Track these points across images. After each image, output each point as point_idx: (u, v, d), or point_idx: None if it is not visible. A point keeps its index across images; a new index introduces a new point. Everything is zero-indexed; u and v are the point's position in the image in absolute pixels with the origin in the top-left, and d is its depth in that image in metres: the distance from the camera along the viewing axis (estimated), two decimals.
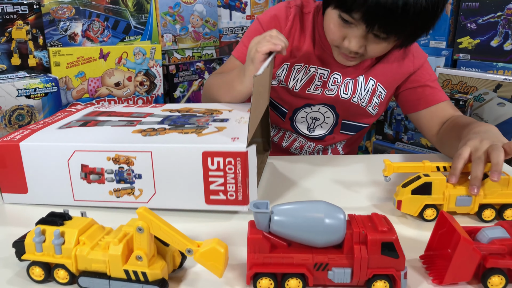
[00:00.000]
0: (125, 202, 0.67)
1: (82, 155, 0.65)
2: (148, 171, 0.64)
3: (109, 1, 1.52)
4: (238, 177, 0.62)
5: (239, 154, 0.61)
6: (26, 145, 0.66)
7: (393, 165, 0.66)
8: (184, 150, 0.62)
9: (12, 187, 0.69)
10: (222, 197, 0.64)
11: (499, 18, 1.53)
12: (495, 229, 0.50)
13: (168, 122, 0.73)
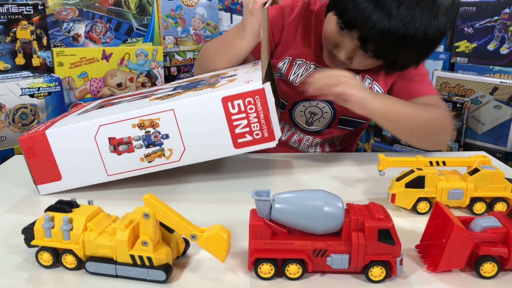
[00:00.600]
0: (157, 165, 0.69)
1: (108, 128, 0.67)
2: (174, 129, 0.66)
3: (112, 3, 1.55)
4: (260, 115, 0.65)
5: (257, 92, 0.63)
6: (52, 132, 0.68)
7: (388, 160, 0.68)
8: (204, 100, 0.65)
9: (45, 177, 0.70)
10: (249, 138, 0.66)
11: (496, 23, 1.55)
12: (488, 219, 0.52)
13: (179, 88, 0.76)
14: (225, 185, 0.75)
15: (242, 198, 0.71)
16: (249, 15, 0.79)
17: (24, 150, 0.70)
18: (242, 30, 0.83)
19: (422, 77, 0.98)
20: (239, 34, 0.84)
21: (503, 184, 0.64)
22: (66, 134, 0.68)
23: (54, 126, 0.70)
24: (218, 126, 0.66)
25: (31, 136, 0.69)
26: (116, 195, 0.71)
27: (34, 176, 0.71)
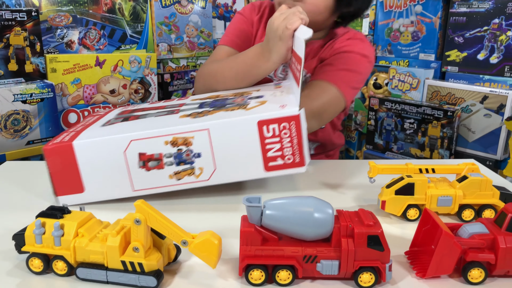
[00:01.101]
0: (186, 183, 0.68)
1: (139, 143, 0.66)
2: (207, 148, 0.66)
3: (106, 10, 1.55)
4: (294, 140, 0.65)
5: (293, 118, 0.64)
6: (80, 143, 0.67)
7: (378, 167, 0.68)
8: (240, 122, 0.65)
9: (67, 189, 0.69)
10: (280, 162, 0.67)
11: (485, 32, 1.58)
12: (475, 225, 0.53)
13: (207, 106, 0.75)
14: (216, 192, 0.76)
15: (233, 204, 0.71)
16: (278, 40, 0.79)
17: (48, 160, 0.68)
18: (267, 53, 0.82)
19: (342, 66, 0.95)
20: (264, 57, 0.83)
21: (491, 191, 0.65)
22: (94, 146, 0.67)
23: (80, 137, 0.68)
24: (251, 148, 0.66)
25: (57, 147, 0.67)
26: (107, 201, 0.71)
27: (56, 187, 0.69)
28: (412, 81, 1.73)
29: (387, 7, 1.87)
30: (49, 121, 1.35)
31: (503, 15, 1.52)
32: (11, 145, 1.29)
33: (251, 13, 1.04)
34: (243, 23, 1.04)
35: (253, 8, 1.05)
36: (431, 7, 1.73)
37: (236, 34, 1.03)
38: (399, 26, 1.85)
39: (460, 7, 1.63)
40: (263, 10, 1.05)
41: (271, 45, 0.81)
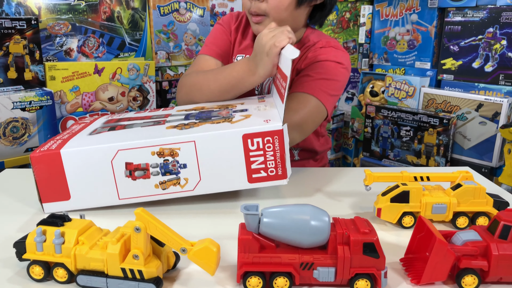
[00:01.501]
0: (171, 193, 0.70)
1: (126, 153, 0.68)
2: (193, 159, 0.68)
3: (105, 18, 1.57)
4: (277, 154, 0.68)
5: (276, 133, 0.67)
6: (67, 152, 0.68)
7: (373, 175, 0.69)
8: (225, 135, 0.68)
9: (53, 196, 0.70)
10: (263, 175, 0.69)
11: (480, 41, 1.60)
12: (469, 233, 0.54)
13: (192, 118, 0.77)
14: (214, 200, 0.77)
15: (232, 212, 0.72)
16: (265, 55, 0.80)
17: (35, 168, 0.69)
18: (253, 67, 0.84)
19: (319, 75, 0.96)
20: (250, 71, 0.85)
21: (484, 199, 0.66)
22: (82, 154, 0.68)
23: (68, 146, 0.69)
24: (236, 161, 0.68)
25: (44, 155, 0.68)
26: (107, 209, 0.72)
27: (41, 194, 0.70)
28: (408, 89, 1.75)
29: (383, 16, 1.90)
30: (47, 129, 1.36)
31: (497, 24, 1.54)
32: (9, 153, 1.29)
33: (229, 23, 1.08)
34: (222, 33, 1.07)
35: (231, 17, 1.09)
36: (426, 16, 1.75)
37: (216, 43, 1.06)
38: (395, 34, 1.87)
39: (455, 16, 1.66)
40: (240, 19, 1.08)
41: (258, 60, 0.83)
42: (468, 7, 1.61)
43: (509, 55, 1.52)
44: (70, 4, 1.47)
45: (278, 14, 0.92)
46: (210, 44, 1.06)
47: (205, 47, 1.06)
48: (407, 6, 1.80)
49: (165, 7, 1.69)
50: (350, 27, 2.02)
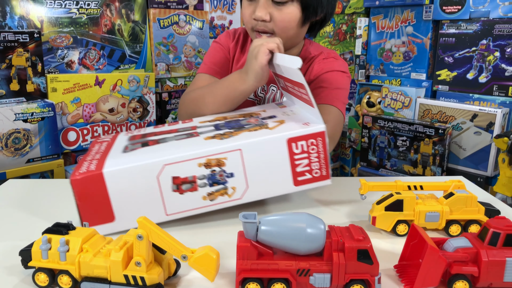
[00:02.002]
0: (219, 203, 0.70)
1: (172, 167, 0.67)
2: (239, 168, 0.68)
3: (106, 31, 1.59)
4: (321, 155, 0.70)
5: (319, 134, 0.69)
6: (110, 171, 0.66)
7: (368, 184, 0.71)
8: (270, 141, 0.69)
9: (97, 219, 0.67)
10: (308, 177, 0.70)
11: (474, 53, 1.63)
12: (460, 240, 0.56)
13: (223, 128, 0.77)
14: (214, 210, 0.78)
15: (230, 220, 0.74)
16: (253, 59, 0.83)
17: (76, 192, 0.66)
18: (244, 75, 0.86)
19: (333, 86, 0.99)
20: (241, 79, 0.87)
21: (476, 207, 0.68)
22: (126, 173, 0.66)
23: (108, 166, 0.67)
24: (281, 165, 0.69)
25: (86, 177, 0.66)
26: None
27: (83, 218, 0.67)
28: (404, 99, 1.78)
29: (379, 28, 1.93)
30: (49, 140, 1.38)
31: (490, 36, 1.57)
32: (11, 163, 1.31)
33: (226, 40, 1.09)
34: (219, 51, 1.08)
35: (228, 35, 1.10)
36: (421, 28, 1.79)
37: (214, 61, 1.07)
38: (391, 46, 1.90)
39: (449, 28, 1.69)
40: (237, 36, 1.10)
41: (248, 66, 0.85)
42: (461, 20, 1.64)
43: (502, 67, 1.56)
44: (71, 17, 1.50)
45: (284, 33, 0.95)
46: (209, 62, 1.07)
47: (203, 66, 1.08)
48: (402, 18, 1.84)
49: (165, 20, 1.72)
50: (347, 39, 2.05)
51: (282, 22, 0.93)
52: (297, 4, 0.91)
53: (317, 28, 1.03)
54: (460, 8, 1.63)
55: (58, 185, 0.94)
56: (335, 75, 1.01)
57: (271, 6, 0.91)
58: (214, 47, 1.11)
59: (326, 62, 1.03)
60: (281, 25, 0.93)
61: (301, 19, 0.94)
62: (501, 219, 0.56)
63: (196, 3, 1.80)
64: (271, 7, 0.91)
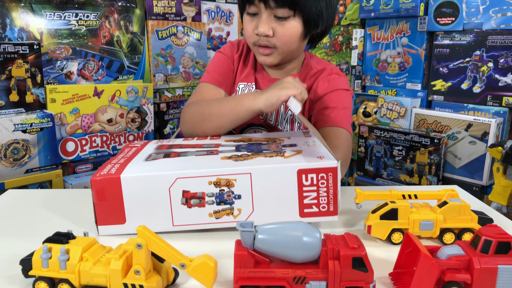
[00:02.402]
0: (224, 222, 0.71)
1: (184, 181, 0.69)
2: (247, 191, 0.70)
3: (105, 42, 1.61)
4: (330, 190, 0.70)
5: (331, 170, 0.69)
6: (127, 177, 0.69)
7: (364, 193, 0.73)
8: (281, 169, 0.70)
9: (109, 219, 0.71)
10: (315, 210, 0.71)
11: (468, 64, 1.65)
12: (453, 247, 0.57)
13: (243, 149, 0.79)
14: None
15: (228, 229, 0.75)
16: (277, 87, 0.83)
17: (95, 191, 0.70)
18: (258, 95, 0.86)
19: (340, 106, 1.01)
20: (251, 96, 0.88)
21: (469, 216, 0.69)
22: (141, 180, 0.70)
23: (127, 171, 0.71)
24: (289, 195, 0.70)
25: (105, 179, 0.70)
26: None
27: (98, 217, 0.71)
28: (400, 109, 1.80)
29: (374, 39, 1.96)
30: (47, 150, 1.39)
31: (483, 47, 1.60)
32: (10, 174, 1.32)
33: (231, 51, 1.10)
34: (224, 61, 1.09)
35: (232, 46, 1.11)
36: (416, 39, 1.81)
37: (217, 71, 1.08)
38: (387, 57, 1.93)
39: (443, 39, 1.72)
40: (242, 48, 1.10)
41: (267, 90, 0.85)
42: (455, 31, 1.67)
43: (496, 77, 1.58)
44: (71, 29, 1.52)
45: (287, 47, 0.96)
46: (212, 72, 1.08)
47: (207, 75, 1.08)
48: (397, 29, 1.86)
49: (163, 31, 1.75)
50: (343, 50, 2.08)
51: (284, 37, 0.94)
52: (299, 18, 0.93)
53: (317, 40, 1.05)
54: (454, 20, 1.66)
55: (57, 195, 0.95)
56: (341, 94, 1.03)
57: (274, 21, 0.93)
58: (218, 57, 1.11)
59: (331, 79, 1.04)
60: (284, 39, 0.94)
61: (303, 33, 0.95)
62: (493, 227, 0.57)
63: (194, 15, 1.83)
64: (274, 22, 0.93)
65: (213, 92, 1.05)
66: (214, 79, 1.07)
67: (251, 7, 0.93)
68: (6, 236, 0.73)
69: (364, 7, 1.92)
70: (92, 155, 1.58)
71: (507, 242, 0.55)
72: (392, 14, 1.82)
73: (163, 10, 1.74)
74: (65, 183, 1.46)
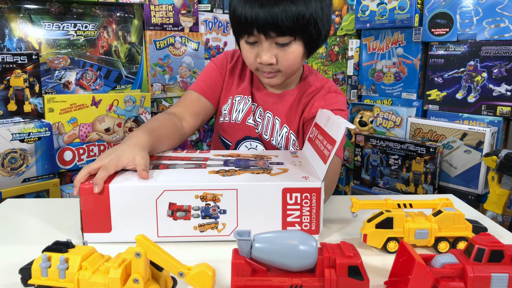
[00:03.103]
0: (208, 236, 0.73)
1: (171, 194, 0.71)
2: (233, 206, 0.71)
3: (103, 52, 1.63)
4: (313, 210, 0.72)
5: (315, 190, 0.71)
6: (115, 187, 0.70)
7: (359, 202, 0.74)
8: (266, 187, 0.72)
9: (95, 227, 0.72)
10: (297, 228, 0.73)
11: (462, 74, 1.67)
12: (447, 256, 0.58)
13: (231, 164, 0.81)
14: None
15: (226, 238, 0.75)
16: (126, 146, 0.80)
17: (82, 198, 0.71)
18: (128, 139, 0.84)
19: None
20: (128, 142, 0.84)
21: (463, 224, 0.70)
22: (128, 191, 0.71)
23: (116, 181, 0.72)
24: (273, 212, 0.72)
25: (93, 187, 0.70)
26: None
27: (84, 224, 0.72)
28: (395, 119, 1.81)
29: (370, 49, 1.98)
30: (45, 159, 1.39)
31: (477, 57, 1.62)
32: (7, 183, 1.32)
33: (223, 62, 1.10)
34: (213, 71, 1.10)
35: (226, 57, 1.12)
36: (411, 50, 1.83)
37: (204, 80, 1.09)
38: (382, 67, 1.95)
39: (438, 50, 1.74)
40: (236, 60, 1.11)
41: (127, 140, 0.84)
42: (450, 42, 1.69)
43: (490, 87, 1.60)
44: (69, 39, 1.54)
45: (290, 69, 0.98)
46: (200, 81, 1.10)
47: (195, 83, 1.10)
48: (392, 40, 1.89)
49: (161, 42, 1.76)
50: (339, 60, 2.10)
51: (288, 61, 0.95)
52: (300, 41, 0.93)
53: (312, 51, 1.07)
54: (448, 31, 1.68)
55: (55, 204, 0.95)
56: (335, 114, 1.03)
57: (275, 48, 0.93)
58: (209, 66, 1.12)
59: (327, 98, 1.05)
60: (287, 64, 0.96)
61: (304, 53, 0.97)
62: (486, 236, 0.58)
63: (191, 25, 1.85)
64: (275, 49, 0.93)
65: (194, 101, 1.07)
66: (200, 88, 1.08)
67: (250, 37, 0.93)
68: (4, 244, 0.73)
69: (360, 18, 1.94)
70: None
71: (500, 250, 0.56)
72: (387, 24, 1.85)
73: (161, 20, 1.76)
74: (62, 192, 1.47)
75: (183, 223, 0.72)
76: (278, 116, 1.06)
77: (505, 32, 1.54)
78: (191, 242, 0.74)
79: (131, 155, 0.76)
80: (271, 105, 1.07)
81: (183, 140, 1.02)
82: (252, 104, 1.07)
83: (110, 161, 0.74)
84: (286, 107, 1.07)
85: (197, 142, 1.97)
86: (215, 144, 1.17)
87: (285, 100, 1.07)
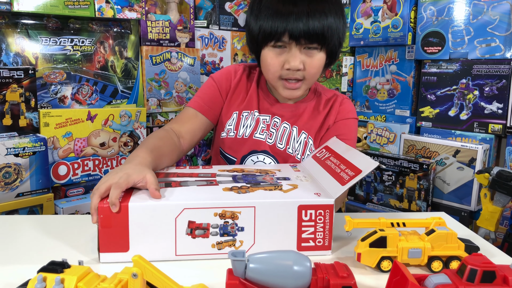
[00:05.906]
0: (226, 253, 0.72)
1: (191, 212, 0.71)
2: (250, 224, 0.72)
3: (99, 67, 1.64)
4: (326, 226, 0.75)
5: (328, 207, 0.74)
6: (135, 206, 0.70)
7: (353, 221, 0.74)
8: (283, 204, 0.73)
9: (113, 247, 0.71)
10: (311, 244, 0.75)
11: (455, 91, 1.70)
12: (440, 276, 0.58)
13: (240, 180, 0.82)
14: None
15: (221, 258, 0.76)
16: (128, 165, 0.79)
17: (101, 218, 0.70)
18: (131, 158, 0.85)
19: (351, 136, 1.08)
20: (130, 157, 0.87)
21: (456, 243, 0.71)
22: (149, 209, 0.71)
23: (134, 200, 0.71)
24: (288, 229, 0.74)
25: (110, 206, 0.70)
26: None
27: (101, 244, 0.71)
28: (389, 135, 1.83)
29: (364, 66, 2.00)
30: (39, 174, 1.39)
31: (469, 76, 1.64)
32: (0, 198, 1.31)
33: (223, 79, 1.11)
34: (211, 88, 1.10)
35: (228, 73, 1.12)
36: (404, 67, 1.86)
37: (202, 97, 1.10)
38: (376, 84, 1.97)
39: (431, 67, 1.76)
40: (240, 76, 1.11)
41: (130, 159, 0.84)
42: (442, 60, 1.72)
43: (482, 105, 1.62)
44: (66, 54, 1.54)
45: (313, 79, 1.02)
46: (197, 97, 1.10)
47: (193, 100, 1.10)
48: (386, 57, 1.91)
49: (157, 57, 1.78)
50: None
51: (313, 69, 0.99)
52: (324, 51, 0.98)
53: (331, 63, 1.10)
54: (441, 49, 1.71)
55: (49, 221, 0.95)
56: (351, 123, 1.09)
57: (303, 54, 0.97)
58: (207, 83, 1.12)
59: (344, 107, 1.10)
60: (312, 71, 0.99)
61: (326, 64, 1.01)
62: (478, 256, 0.59)
63: (187, 41, 1.86)
64: (303, 55, 0.97)
65: (191, 118, 1.08)
66: (198, 105, 1.09)
67: (278, 42, 0.96)
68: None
69: (354, 35, 1.97)
70: (84, 178, 1.59)
71: (492, 271, 0.56)
72: (381, 42, 1.87)
73: (157, 36, 1.77)
74: (56, 207, 1.46)
75: (202, 241, 0.72)
76: (296, 125, 1.08)
77: (496, 51, 1.57)
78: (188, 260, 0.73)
79: (140, 174, 0.76)
80: (289, 116, 1.09)
81: (180, 157, 1.03)
82: (261, 117, 1.07)
83: (120, 179, 0.73)
84: (305, 115, 1.09)
85: (191, 156, 1.97)
86: (215, 160, 1.16)
87: (302, 109, 1.10)
